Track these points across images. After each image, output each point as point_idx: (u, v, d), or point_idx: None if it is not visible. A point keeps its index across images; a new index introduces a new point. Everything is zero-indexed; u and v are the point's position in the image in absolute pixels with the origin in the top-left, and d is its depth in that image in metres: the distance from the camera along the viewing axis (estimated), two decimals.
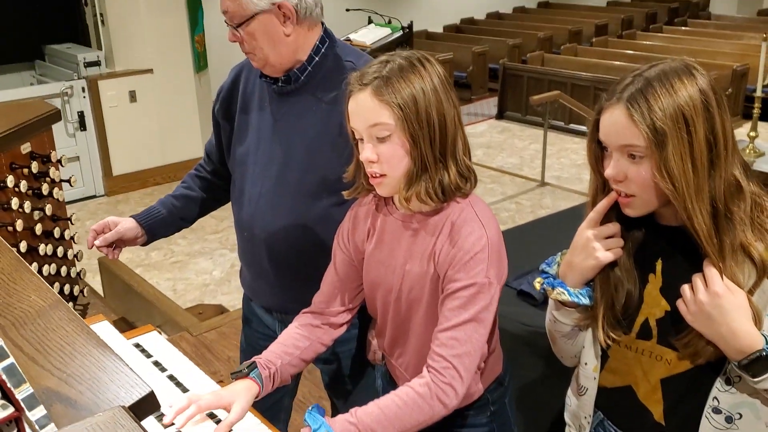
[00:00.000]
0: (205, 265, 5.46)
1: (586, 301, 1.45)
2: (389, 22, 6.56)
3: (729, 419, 1.37)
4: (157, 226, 2.12)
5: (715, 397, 1.36)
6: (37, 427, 0.73)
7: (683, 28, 11.67)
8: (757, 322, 1.29)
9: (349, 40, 6.66)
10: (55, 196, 2.14)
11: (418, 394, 1.43)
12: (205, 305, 4.63)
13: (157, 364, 1.80)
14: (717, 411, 1.37)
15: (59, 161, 2.15)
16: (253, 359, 1.61)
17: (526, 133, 8.83)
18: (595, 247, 1.40)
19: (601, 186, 1.42)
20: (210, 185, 2.19)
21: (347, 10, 7.63)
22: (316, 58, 1.88)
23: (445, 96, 1.47)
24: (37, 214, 2.14)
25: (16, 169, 2.05)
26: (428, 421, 1.44)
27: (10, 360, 0.74)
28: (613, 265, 1.43)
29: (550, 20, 12.28)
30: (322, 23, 1.92)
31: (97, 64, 6.54)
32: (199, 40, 7.03)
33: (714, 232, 1.29)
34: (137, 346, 1.88)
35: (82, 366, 0.90)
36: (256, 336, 2.13)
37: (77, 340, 0.99)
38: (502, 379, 1.73)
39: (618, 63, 9.36)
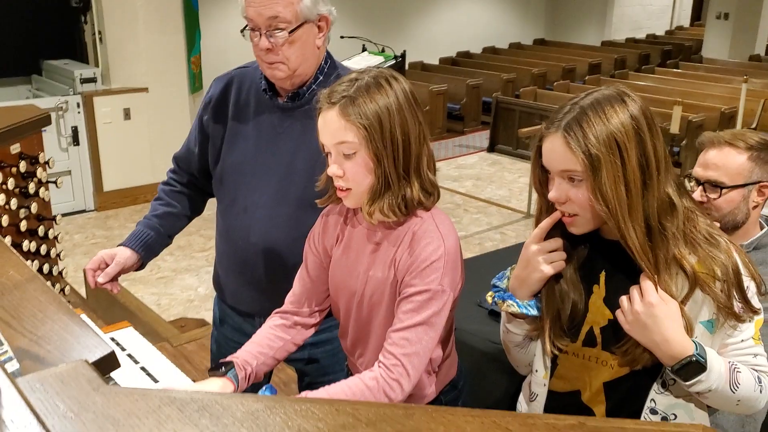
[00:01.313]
0: (190, 281, 5.49)
1: (534, 312, 1.53)
2: (383, 50, 6.68)
3: (664, 419, 1.46)
4: (150, 250, 2.12)
5: (653, 399, 1.46)
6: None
7: (675, 70, 11.87)
8: (689, 330, 1.39)
9: None
10: (41, 195, 2.20)
11: (366, 386, 1.50)
12: (188, 319, 4.65)
13: (130, 356, 1.84)
14: (654, 412, 1.46)
15: (47, 163, 2.21)
16: (230, 359, 1.66)
17: (516, 167, 8.92)
18: (539, 260, 1.49)
19: (545, 206, 1.51)
20: (186, 198, 2.20)
21: (342, 37, 7.75)
22: (321, 77, 1.95)
23: (410, 114, 1.53)
24: (23, 212, 2.20)
25: (5, 167, 2.11)
26: None
27: None
28: (558, 277, 1.51)
29: (545, 57, 12.47)
30: None
31: (93, 80, 6.62)
32: (195, 61, 7.14)
33: (648, 248, 1.38)
34: (112, 339, 1.92)
35: (51, 330, 0.97)
36: (226, 341, 2.17)
37: (49, 308, 1.05)
38: (456, 383, 1.78)
39: None
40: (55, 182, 2.27)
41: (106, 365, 0.93)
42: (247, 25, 1.89)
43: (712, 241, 1.41)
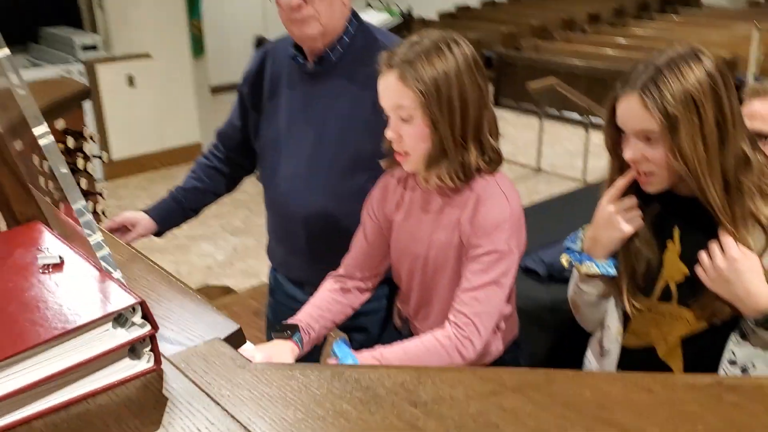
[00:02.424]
0: (207, 248, 5.50)
1: (613, 271, 1.54)
2: (388, 7, 6.60)
3: (744, 369, 1.47)
4: (169, 221, 2.17)
5: (732, 351, 1.47)
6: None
7: (674, 17, 11.78)
8: None
9: None
10: (89, 170, 2.19)
11: (440, 343, 1.53)
12: (212, 287, 4.69)
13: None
14: (733, 363, 1.48)
15: (91, 137, 2.20)
16: (294, 321, 1.69)
17: (521, 121, 8.90)
18: (618, 219, 1.50)
19: (618, 167, 1.51)
20: (219, 175, 2.20)
21: None
22: (347, 39, 1.91)
23: (470, 79, 1.52)
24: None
25: None
26: None
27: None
28: (632, 236, 1.52)
29: (544, 8, 12.34)
30: None
31: (93, 48, 6.52)
32: (197, 24, 7.05)
33: (726, 203, 1.39)
34: None
35: (169, 309, 0.97)
36: (281, 308, 2.20)
37: (160, 287, 1.05)
38: (518, 341, 1.83)
39: (611, 52, 9.44)
40: (100, 157, 2.26)
41: (235, 342, 0.94)
42: None
43: None
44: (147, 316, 0.75)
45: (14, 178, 0.94)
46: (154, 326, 0.75)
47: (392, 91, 1.52)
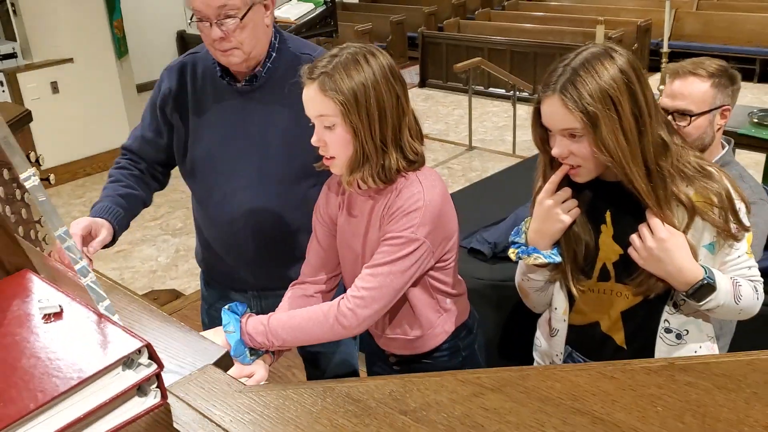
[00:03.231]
0: (149, 252, 5.46)
1: (558, 259, 1.66)
2: None
3: (678, 336, 1.66)
4: (122, 227, 2.01)
5: (666, 320, 1.65)
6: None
7: None
8: (695, 255, 1.55)
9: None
10: (26, 200, 2.12)
11: (322, 312, 1.64)
12: (159, 291, 4.68)
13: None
14: (668, 330, 1.65)
15: (38, 161, 2.17)
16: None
17: (449, 99, 9.05)
18: (558, 212, 1.62)
19: (549, 162, 1.63)
20: (145, 185, 2.13)
21: None
22: (273, 54, 1.96)
23: (387, 88, 1.61)
24: (13, 219, 2.13)
25: None
26: (328, 337, 1.65)
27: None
28: (571, 223, 1.63)
29: None
30: None
31: (13, 56, 6.34)
32: (118, 25, 6.91)
33: (650, 188, 1.52)
34: None
35: (156, 338, 1.00)
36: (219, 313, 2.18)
37: (142, 316, 1.10)
38: (471, 327, 1.92)
39: (530, 26, 9.66)
40: (48, 179, 2.22)
41: (224, 365, 1.00)
42: (193, 15, 1.85)
43: (704, 172, 1.56)
44: (152, 356, 0.80)
45: (2, 230, 0.97)
46: (160, 365, 0.81)
47: (314, 101, 1.61)
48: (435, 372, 1.44)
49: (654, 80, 8.68)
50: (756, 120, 4.13)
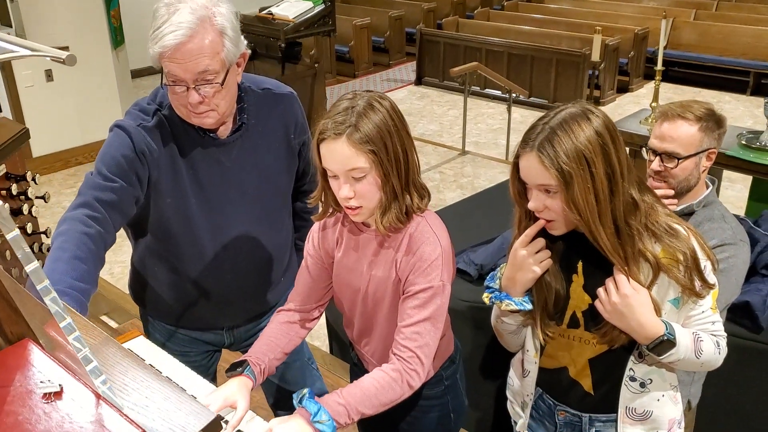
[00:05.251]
0: None
1: (529, 306, 1.72)
2: None
3: (642, 384, 1.73)
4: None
5: (631, 368, 1.71)
6: None
7: None
8: (658, 310, 1.62)
9: (272, 14, 6.69)
10: (33, 213, 2.17)
11: (391, 378, 1.69)
12: None
13: (152, 366, 1.92)
14: (633, 379, 1.72)
15: (34, 179, 2.19)
16: (244, 357, 1.81)
17: (445, 99, 9.07)
18: (530, 262, 1.68)
19: (524, 214, 1.69)
20: (103, 243, 1.79)
21: None
22: (243, 103, 1.96)
23: (403, 128, 1.66)
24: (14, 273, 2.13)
25: None
26: (398, 399, 1.71)
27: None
28: (544, 273, 1.69)
29: None
30: None
31: None
32: (115, 14, 6.90)
33: (618, 245, 1.57)
34: (130, 351, 1.97)
35: (148, 397, 1.02)
36: (194, 365, 2.13)
37: (136, 373, 1.10)
38: (454, 358, 1.98)
39: (528, 28, 9.67)
40: (44, 197, 2.25)
41: (213, 430, 1.03)
42: (164, 76, 1.75)
43: (671, 232, 1.62)
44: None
45: (4, 301, 0.99)
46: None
47: (345, 156, 1.61)
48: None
49: (649, 88, 8.73)
50: (744, 142, 4.15)
